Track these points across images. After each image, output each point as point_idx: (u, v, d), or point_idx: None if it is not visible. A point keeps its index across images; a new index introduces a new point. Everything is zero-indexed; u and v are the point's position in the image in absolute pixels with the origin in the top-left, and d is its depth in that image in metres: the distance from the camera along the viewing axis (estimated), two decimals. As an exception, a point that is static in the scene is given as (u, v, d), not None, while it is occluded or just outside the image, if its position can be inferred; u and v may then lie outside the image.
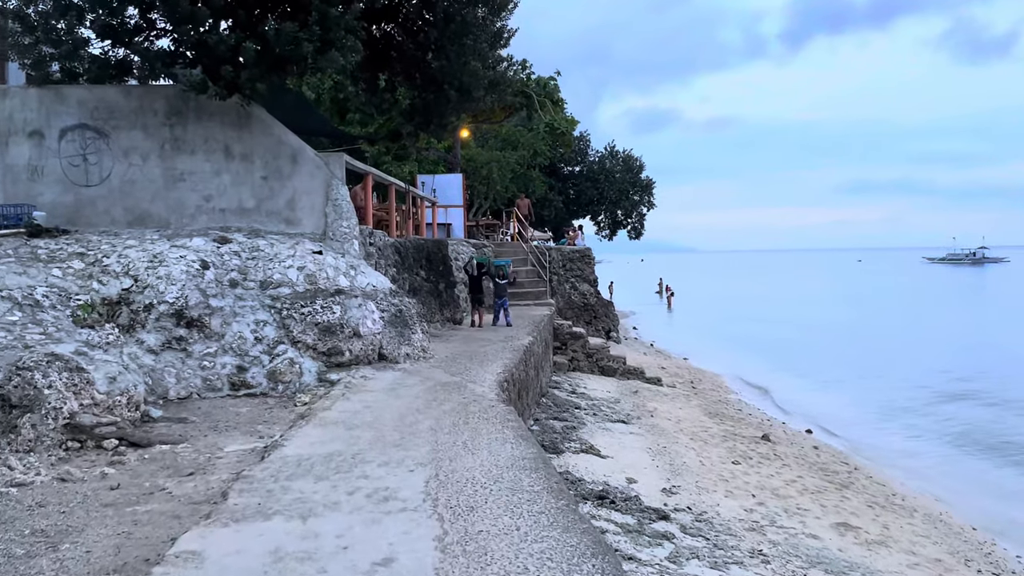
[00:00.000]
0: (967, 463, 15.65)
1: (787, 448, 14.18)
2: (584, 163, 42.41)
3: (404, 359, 10.85)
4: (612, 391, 18.06)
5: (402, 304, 11.34)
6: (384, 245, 13.81)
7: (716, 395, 20.12)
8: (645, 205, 42.93)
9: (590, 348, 20.47)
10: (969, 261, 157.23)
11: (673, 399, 18.16)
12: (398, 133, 22.90)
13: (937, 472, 14.82)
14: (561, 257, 27.54)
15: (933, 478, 14.27)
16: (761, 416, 17.82)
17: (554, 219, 40.81)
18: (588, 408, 15.57)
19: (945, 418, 19.25)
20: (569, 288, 28.08)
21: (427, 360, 11.07)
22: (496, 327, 15.30)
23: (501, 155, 33.94)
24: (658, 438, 13.67)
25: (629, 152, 42.59)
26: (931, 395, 22.31)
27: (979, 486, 14.03)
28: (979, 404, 20.97)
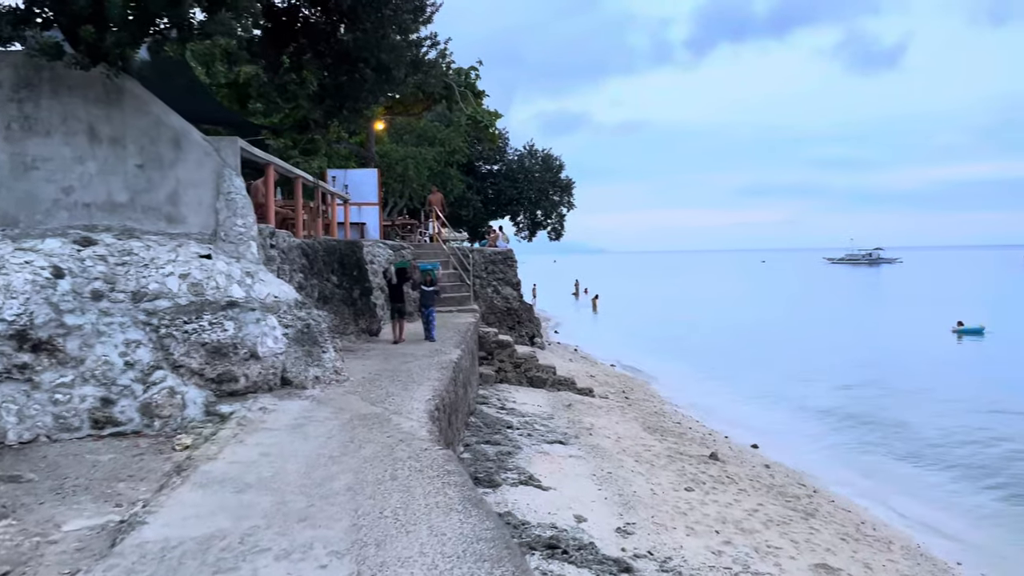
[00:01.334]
0: (900, 469, 15.03)
1: (738, 468, 13.04)
2: (503, 162, 41.01)
3: (313, 384, 9.10)
4: (544, 405, 16.63)
5: (310, 317, 9.57)
6: (289, 247, 11.95)
7: (651, 406, 18.98)
8: (565, 205, 41.84)
9: (518, 357, 19.00)
10: (866, 262, 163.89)
11: (608, 412, 16.87)
12: (305, 123, 20.90)
13: (883, 484, 14.03)
14: (483, 259, 26.01)
15: (885, 495, 13.41)
16: (701, 429, 16.73)
17: (472, 219, 39.24)
18: (521, 427, 14.08)
19: (868, 420, 18.76)
20: (491, 292, 26.59)
21: (341, 384, 9.35)
22: (421, 341, 13.55)
23: (418, 151, 32.17)
24: (601, 461, 12.29)
25: (548, 151, 41.48)
26: (851, 396, 21.94)
27: (933, 501, 13.25)
28: (889, 400, 20.76)
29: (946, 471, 14.87)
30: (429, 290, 14.05)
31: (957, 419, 18.97)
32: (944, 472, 14.77)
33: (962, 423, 18.52)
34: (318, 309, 11.04)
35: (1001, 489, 13.59)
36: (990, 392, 21.98)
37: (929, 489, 13.65)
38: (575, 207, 42.05)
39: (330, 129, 21.24)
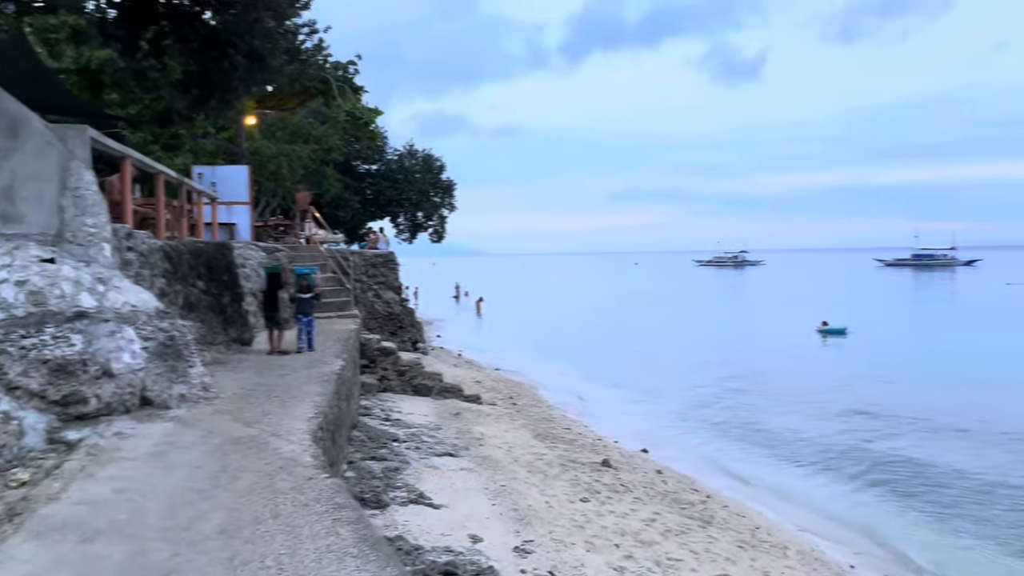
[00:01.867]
0: (778, 470, 15.38)
1: (631, 475, 12.85)
2: (382, 162, 39.89)
3: (178, 403, 8.12)
4: (430, 415, 15.99)
5: (174, 328, 8.57)
6: (149, 250, 10.79)
7: (539, 411, 18.66)
8: (446, 207, 41.19)
9: (402, 365, 18.26)
10: (732, 264, 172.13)
11: (497, 420, 16.41)
12: (168, 115, 19.40)
13: (765, 486, 14.26)
14: (363, 262, 25.06)
15: (769, 497, 13.59)
16: (591, 435, 16.53)
17: (350, 220, 37.97)
18: (408, 439, 13.39)
19: (745, 422, 19.20)
20: (372, 296, 25.67)
21: (211, 402, 8.41)
22: (299, 351, 12.50)
23: (292, 149, 30.73)
24: (494, 473, 11.79)
25: (429, 152, 40.70)
26: (727, 398, 22.49)
27: (816, 500, 13.54)
28: (761, 401, 21.43)
29: (823, 472, 15.28)
30: (307, 297, 12.90)
31: (825, 418, 19.70)
32: (822, 473, 15.17)
33: (830, 422, 19.23)
34: (183, 318, 10.01)
35: (883, 486, 14.07)
36: (856, 391, 22.97)
37: (813, 489, 13.95)
38: (457, 209, 41.56)
39: (196, 123, 19.80)
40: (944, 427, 18.36)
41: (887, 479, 14.46)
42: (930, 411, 19.82)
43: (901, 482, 14.24)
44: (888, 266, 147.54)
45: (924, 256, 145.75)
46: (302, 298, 12.91)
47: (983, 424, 18.38)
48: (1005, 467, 15.09)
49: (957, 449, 16.45)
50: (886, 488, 13.94)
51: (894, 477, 14.48)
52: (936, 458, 15.87)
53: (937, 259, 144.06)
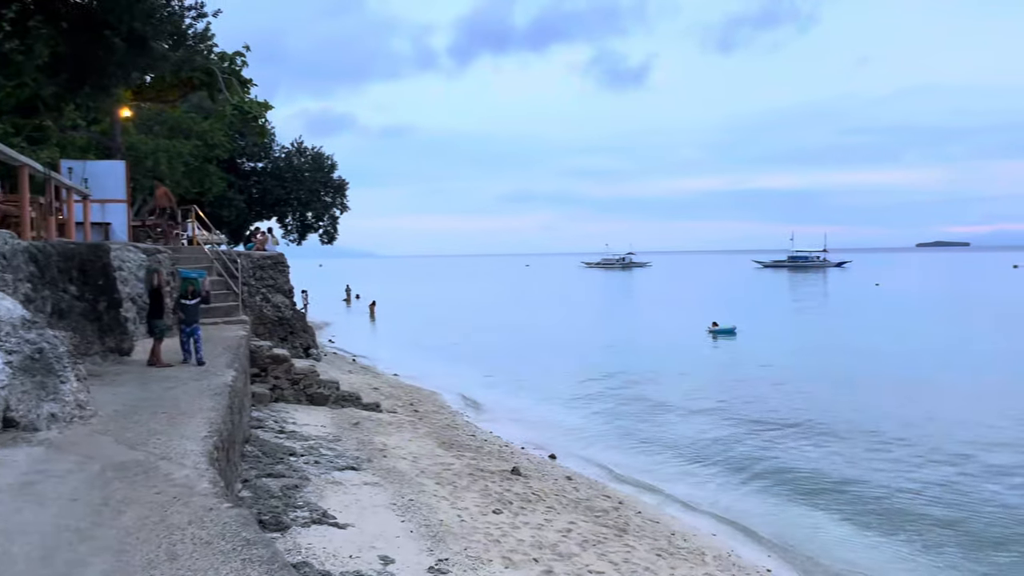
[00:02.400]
0: (688, 473, 15.48)
1: (542, 483, 12.53)
2: (269, 159, 38.23)
3: (49, 424, 7.20)
4: (328, 425, 15.20)
5: (43, 339, 7.61)
6: (12, 252, 9.65)
7: (442, 418, 18.13)
8: (338, 207, 39.87)
9: (296, 373, 17.32)
10: (620, 266, 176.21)
11: (399, 429, 15.78)
12: (33, 104, 17.78)
13: (676, 490, 14.27)
14: (251, 264, 23.81)
15: (673, 502, 13.58)
16: (497, 441, 16.14)
17: (235, 220, 36.21)
18: (306, 453, 12.60)
19: (645, 427, 19.32)
20: (260, 300, 24.44)
21: (87, 422, 7.51)
22: (183, 362, 11.48)
23: (171, 144, 28.96)
24: (400, 487, 11.21)
25: (319, 149, 39.28)
26: (625, 402, 22.62)
27: (726, 504, 13.62)
28: (660, 404, 21.60)
29: (727, 474, 15.40)
30: (192, 303, 11.70)
31: (723, 421, 20.03)
32: (726, 475, 15.30)
33: (727, 424, 19.56)
34: (53, 327, 8.98)
35: (784, 487, 14.31)
36: (750, 392, 23.55)
37: (716, 492, 14.02)
38: (349, 209, 40.29)
39: (64, 113, 18.22)
40: (835, 428, 18.98)
41: (788, 480, 14.73)
42: (820, 412, 20.47)
43: (801, 482, 14.54)
44: (766, 267, 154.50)
45: (799, 258, 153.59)
46: (187, 305, 11.69)
47: (870, 425, 19.12)
48: (893, 465, 15.69)
49: (848, 450, 17.01)
50: (788, 488, 14.18)
51: (794, 478, 14.77)
52: (828, 458, 16.36)
53: (811, 261, 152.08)
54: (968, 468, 15.24)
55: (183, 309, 11.71)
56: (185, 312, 11.66)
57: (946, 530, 12.02)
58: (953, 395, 22.86)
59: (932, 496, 13.61)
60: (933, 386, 24.21)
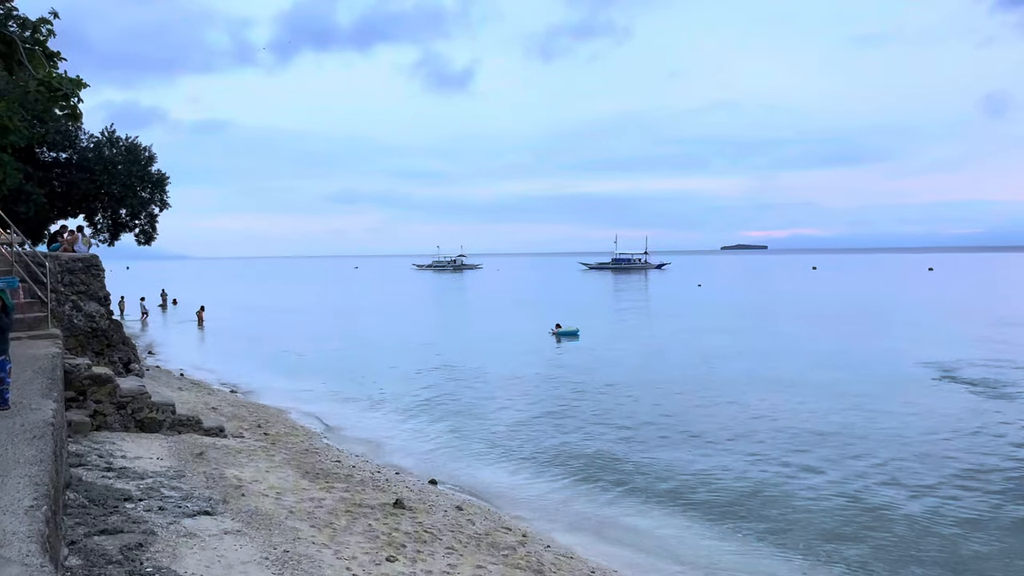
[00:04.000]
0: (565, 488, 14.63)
1: (431, 516, 11.08)
2: (75, 149, 33.80)
3: None
4: (166, 457, 12.93)
5: None
6: None
7: (297, 441, 16.15)
8: (157, 204, 35.94)
9: (122, 396, 14.76)
10: (451, 268, 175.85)
11: (252, 457, 13.76)
12: None
13: (567, 513, 13.33)
14: (59, 268, 20.53)
15: (566, 527, 12.61)
16: (366, 467, 14.44)
17: (35, 217, 31.67)
18: (145, 496, 10.44)
19: (501, 437, 18.36)
20: (70, 309, 21.16)
21: None
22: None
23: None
24: (269, 534, 9.42)
25: (135, 140, 35.17)
26: (476, 404, 21.60)
27: (609, 523, 12.80)
28: (512, 411, 20.76)
29: (606, 491, 14.67)
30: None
31: (585, 429, 19.41)
32: (605, 492, 14.56)
33: (589, 432, 18.96)
34: None
35: (674, 501, 13.71)
36: (606, 398, 23.16)
37: (605, 511, 13.19)
38: (170, 206, 36.45)
39: None
40: (697, 431, 18.89)
41: (670, 492, 14.19)
42: (676, 415, 20.41)
43: (684, 494, 14.04)
44: (591, 269, 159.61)
45: (622, 260, 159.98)
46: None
47: (722, 425, 19.19)
48: (760, 468, 15.63)
49: (714, 453, 16.86)
50: (679, 504, 13.62)
51: (678, 490, 14.25)
52: (700, 462, 16.09)
53: (633, 263, 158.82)
54: (829, 466, 15.48)
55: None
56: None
57: (802, 529, 11.89)
58: (799, 390, 23.60)
59: (778, 493, 13.57)
60: (777, 382, 24.93)
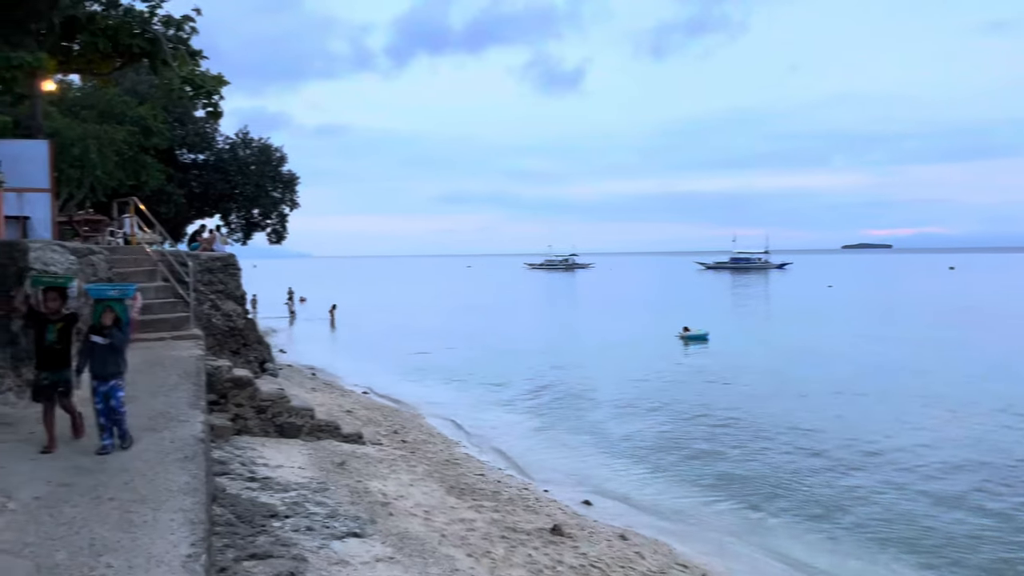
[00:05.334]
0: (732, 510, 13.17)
1: (594, 547, 9.95)
2: (211, 151, 34.69)
3: (-80, 540, 4.35)
4: (307, 466, 12.34)
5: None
6: None
7: (436, 450, 15.37)
8: (287, 204, 36.51)
9: (262, 399, 14.38)
10: (563, 267, 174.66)
11: (393, 468, 13.02)
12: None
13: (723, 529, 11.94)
14: (198, 267, 20.62)
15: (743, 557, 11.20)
16: (512, 482, 13.45)
17: (174, 217, 32.62)
18: (291, 512, 9.76)
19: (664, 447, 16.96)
20: (209, 309, 21.22)
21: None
22: (104, 451, 6.68)
23: (103, 130, 25.48)
24: (425, 565, 8.52)
25: (266, 141, 35.85)
26: (619, 414, 20.27)
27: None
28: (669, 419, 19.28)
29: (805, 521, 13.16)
30: (104, 343, 6.92)
31: (741, 444, 17.82)
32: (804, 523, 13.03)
33: (747, 449, 17.36)
34: None
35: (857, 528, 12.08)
36: (749, 408, 21.42)
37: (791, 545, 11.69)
38: (299, 205, 36.94)
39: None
40: (838, 441, 17.07)
41: (856, 516, 12.53)
42: (821, 424, 18.61)
43: (873, 522, 12.35)
44: (708, 269, 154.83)
45: (741, 260, 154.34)
46: (95, 344, 6.93)
47: (861, 438, 17.26)
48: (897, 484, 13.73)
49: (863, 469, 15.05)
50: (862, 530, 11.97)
51: (868, 516, 12.57)
52: (843, 479, 14.34)
53: (753, 263, 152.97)
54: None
55: (90, 352, 6.94)
56: (93, 358, 6.93)
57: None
58: (967, 405, 21.10)
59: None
60: (941, 397, 22.45)
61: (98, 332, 6.97)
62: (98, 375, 6.88)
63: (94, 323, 7.06)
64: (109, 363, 6.93)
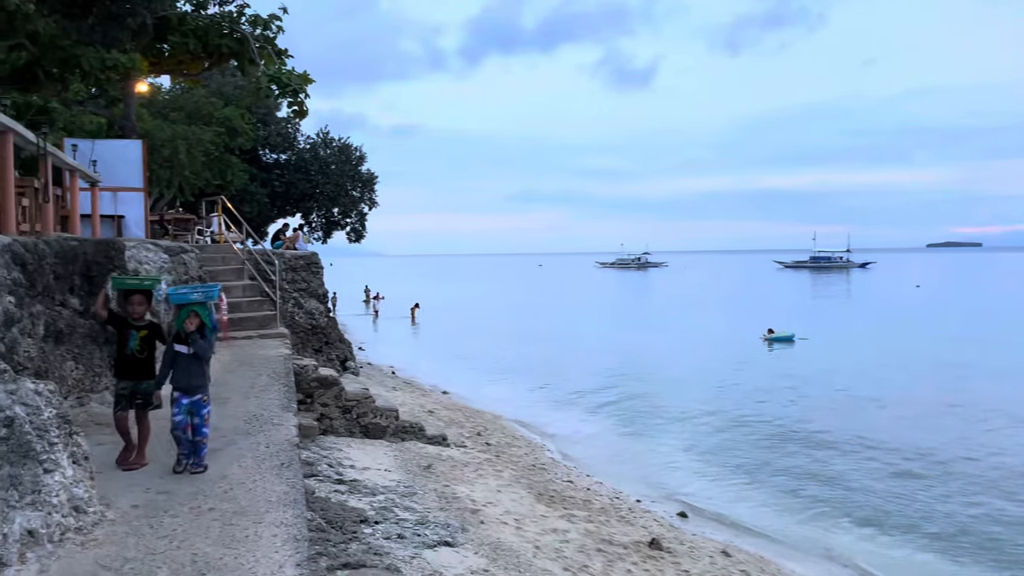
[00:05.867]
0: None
1: (696, 564, 9.41)
2: (293, 150, 35.23)
3: (23, 551, 4.17)
4: (394, 469, 12.12)
5: (15, 400, 4.57)
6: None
7: (522, 453, 15.00)
8: (367, 203, 36.82)
9: (347, 399, 14.25)
10: (635, 266, 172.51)
11: (480, 472, 12.69)
12: (32, 72, 14.80)
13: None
14: (282, 266, 20.78)
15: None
16: (602, 489, 12.98)
17: (257, 216, 33.23)
18: (381, 517, 9.51)
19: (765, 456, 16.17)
20: (292, 307, 21.42)
21: (89, 535, 4.48)
22: (180, 469, 6.06)
23: (191, 130, 26.02)
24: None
25: (346, 140, 36.21)
26: (712, 423, 19.50)
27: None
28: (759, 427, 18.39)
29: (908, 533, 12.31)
30: (184, 351, 6.21)
31: (847, 453, 16.91)
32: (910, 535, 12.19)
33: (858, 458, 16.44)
34: (45, 358, 6.07)
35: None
36: (850, 416, 20.40)
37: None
38: (378, 204, 37.21)
39: (69, 85, 15.24)
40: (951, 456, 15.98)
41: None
42: (930, 437, 17.49)
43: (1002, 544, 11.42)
44: (787, 268, 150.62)
45: (821, 258, 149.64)
46: (179, 353, 6.22)
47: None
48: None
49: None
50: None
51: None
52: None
53: (834, 261, 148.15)
54: None
55: (172, 362, 6.24)
56: (176, 368, 6.23)
57: None
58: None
59: None
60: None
61: (181, 340, 6.25)
62: (182, 387, 6.20)
63: (177, 330, 6.30)
64: (194, 374, 6.25)
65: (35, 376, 7.59)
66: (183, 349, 6.22)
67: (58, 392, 4.92)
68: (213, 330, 6.45)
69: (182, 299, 6.42)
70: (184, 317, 6.27)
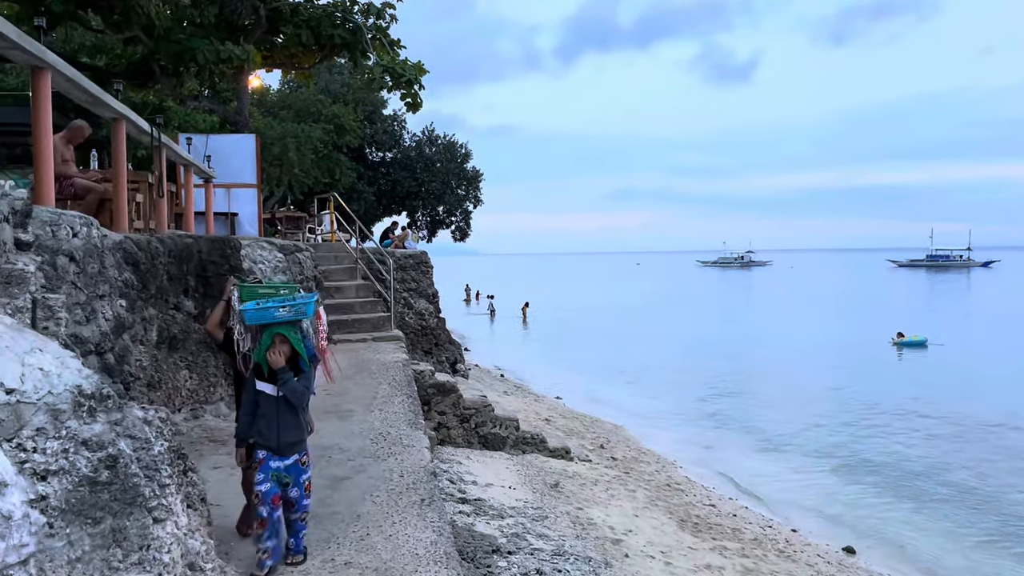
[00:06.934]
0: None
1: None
2: (399, 148, 34.92)
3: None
4: (519, 486, 11.11)
5: (119, 433, 3.67)
6: (93, 250, 5.88)
7: (652, 470, 13.76)
8: (471, 201, 36.20)
9: (465, 407, 13.37)
10: (738, 264, 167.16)
11: (611, 492, 11.54)
12: (148, 67, 14.53)
13: None
14: (392, 265, 20.17)
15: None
16: (749, 515, 11.63)
17: (363, 215, 33.03)
18: (513, 546, 8.50)
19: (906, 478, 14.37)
20: (402, 307, 20.77)
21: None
22: (262, 560, 4.23)
23: (300, 128, 25.86)
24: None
25: (452, 137, 35.67)
26: (856, 435, 17.68)
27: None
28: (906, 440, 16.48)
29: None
30: (273, 393, 4.40)
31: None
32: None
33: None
34: (158, 365, 5.32)
35: None
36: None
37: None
38: (483, 203, 36.50)
39: (184, 80, 14.91)
40: None
41: None
42: None
43: None
44: (901, 267, 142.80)
45: (939, 257, 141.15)
46: (263, 395, 4.41)
47: None
48: None
49: None
50: None
51: None
52: None
53: (952, 260, 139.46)
54: None
55: (255, 408, 4.44)
56: (259, 416, 4.43)
57: None
58: None
59: None
60: None
61: (266, 377, 4.38)
62: (270, 446, 4.34)
63: (258, 362, 4.40)
64: (285, 426, 4.36)
65: (147, 387, 6.91)
66: (269, 389, 4.37)
67: (169, 420, 4.05)
68: (311, 361, 4.46)
69: (265, 318, 4.35)
70: (267, 345, 4.34)
